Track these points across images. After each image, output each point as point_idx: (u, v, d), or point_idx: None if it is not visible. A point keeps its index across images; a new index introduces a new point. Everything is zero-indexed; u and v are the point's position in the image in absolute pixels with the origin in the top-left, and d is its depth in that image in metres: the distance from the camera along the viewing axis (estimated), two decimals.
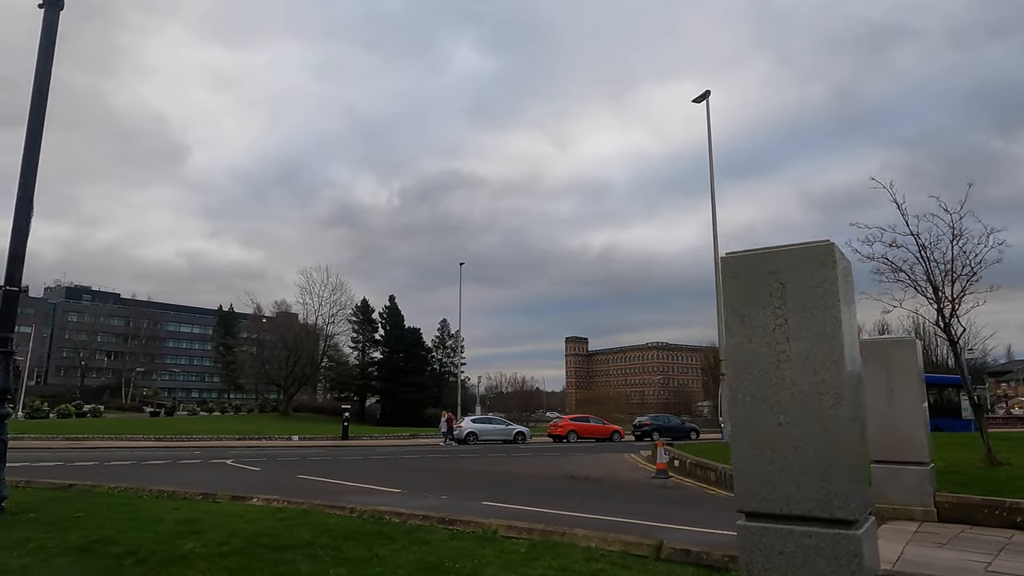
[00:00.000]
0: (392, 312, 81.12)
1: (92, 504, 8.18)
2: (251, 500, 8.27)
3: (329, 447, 31.14)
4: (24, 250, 8.15)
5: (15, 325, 8.07)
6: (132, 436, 34.43)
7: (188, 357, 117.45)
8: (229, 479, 14.22)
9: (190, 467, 17.77)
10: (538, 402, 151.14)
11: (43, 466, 17.38)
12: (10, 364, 7.90)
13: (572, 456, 22.47)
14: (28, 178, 8.26)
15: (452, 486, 13.38)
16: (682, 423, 39.67)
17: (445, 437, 33.69)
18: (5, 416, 7.84)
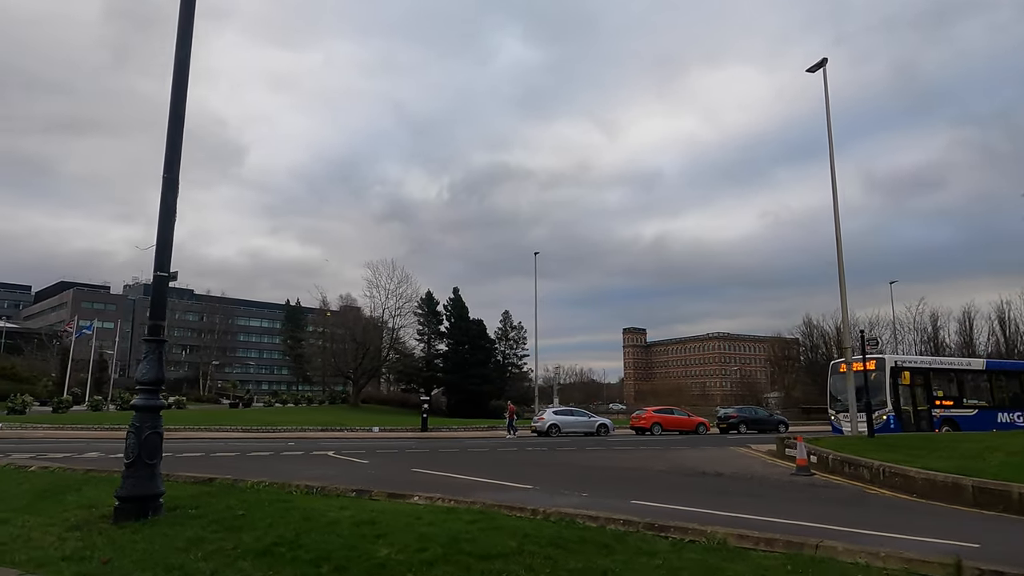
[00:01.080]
0: (456, 304, 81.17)
1: (246, 501, 7.76)
2: (412, 498, 7.69)
3: (414, 439, 30.95)
4: (172, 234, 7.76)
5: (166, 312, 7.70)
6: (221, 427, 35.15)
7: (258, 350, 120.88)
8: (348, 472, 13.85)
9: (297, 459, 17.61)
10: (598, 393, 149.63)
11: None
12: (163, 354, 7.53)
13: (676, 450, 21.43)
14: (173, 157, 7.87)
15: (579, 481, 12.63)
16: (770, 415, 37.91)
17: (509, 429, 33.05)
18: (160, 408, 7.47)
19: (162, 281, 7.60)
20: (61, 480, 9.76)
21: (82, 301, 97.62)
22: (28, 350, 69.12)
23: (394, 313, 73.88)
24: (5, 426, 32.17)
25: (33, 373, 60.65)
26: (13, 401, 39.34)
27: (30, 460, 14.68)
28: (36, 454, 18.24)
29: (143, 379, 7.36)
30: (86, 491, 8.69)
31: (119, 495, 7.04)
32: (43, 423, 34.64)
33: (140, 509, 7.03)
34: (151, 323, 7.55)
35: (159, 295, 7.59)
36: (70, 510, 7.58)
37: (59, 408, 42.46)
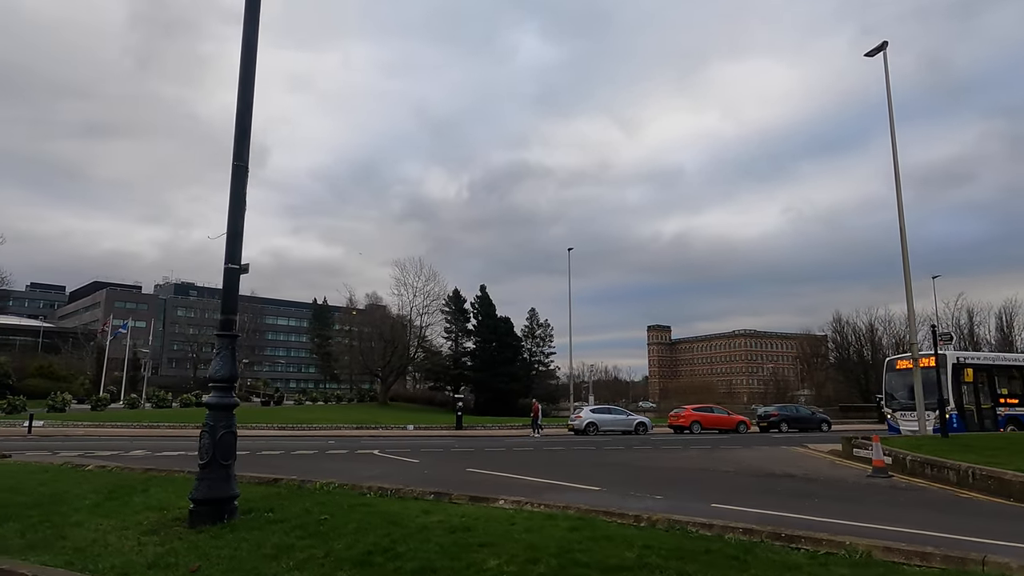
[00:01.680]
0: (483, 302, 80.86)
1: (323, 503, 7.40)
2: (497, 502, 7.26)
3: (452, 437, 30.63)
4: (242, 224, 7.42)
5: (237, 307, 7.35)
6: (257, 425, 35.21)
7: (285, 349, 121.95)
8: (402, 472, 13.50)
9: (345, 458, 17.33)
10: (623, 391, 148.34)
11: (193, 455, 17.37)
12: (235, 349, 7.19)
13: (728, 449, 20.73)
14: (242, 145, 7.52)
15: (644, 482, 12.11)
16: (812, 414, 36.90)
17: (534, 428, 32.42)
18: (234, 406, 7.14)
19: (233, 274, 7.25)
20: (123, 480, 9.50)
21: (115, 301, 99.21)
22: (64, 349, 70.26)
23: (421, 311, 73.84)
24: (46, 424, 32.49)
25: (70, 372, 61.62)
26: (53, 399, 39.83)
27: (81, 458, 14.58)
28: (84, 452, 18.21)
29: (216, 376, 7.02)
30: (152, 492, 8.41)
31: (194, 497, 6.72)
32: (83, 421, 34.99)
33: (216, 512, 6.70)
34: (223, 318, 7.21)
35: (230, 289, 7.24)
36: (141, 512, 7.28)
37: (97, 406, 42.95)
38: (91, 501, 7.88)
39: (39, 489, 8.84)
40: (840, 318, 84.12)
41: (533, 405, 34.05)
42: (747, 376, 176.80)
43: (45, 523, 6.90)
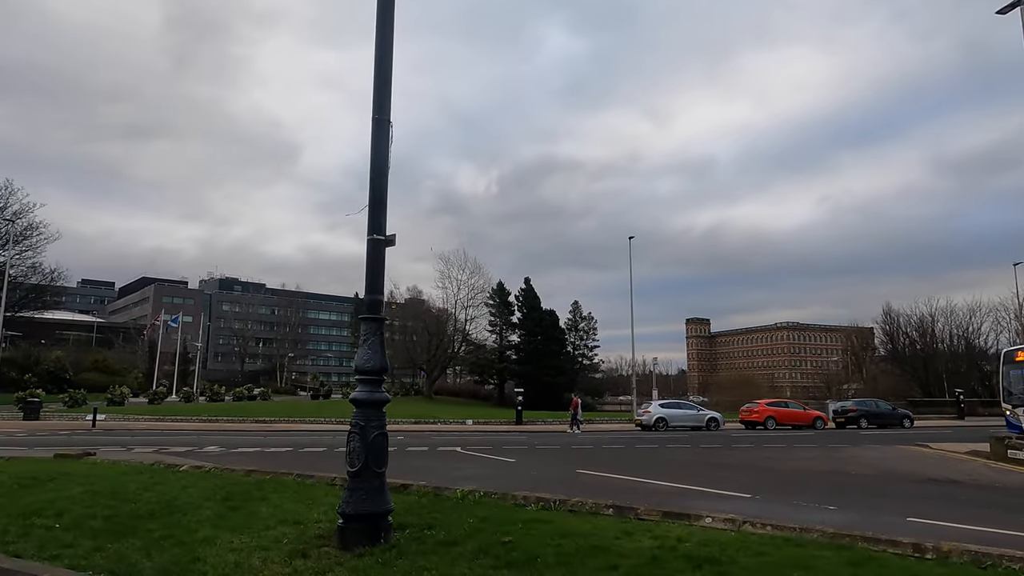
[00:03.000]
0: (528, 294, 79.65)
1: (487, 518, 6.24)
2: (701, 519, 5.98)
3: (517, 431, 29.57)
4: (385, 186, 6.28)
5: (383, 284, 6.20)
6: (315, 419, 34.62)
7: (327, 343, 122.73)
8: (505, 473, 12.38)
9: (429, 455, 16.28)
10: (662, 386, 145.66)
11: (272, 452, 16.51)
12: (383, 335, 6.06)
13: (837, 448, 19.04)
14: (382, 96, 6.39)
15: (786, 487, 10.73)
16: (893, 409, 34.78)
17: (573, 424, 30.85)
18: (384, 402, 6.02)
19: (378, 246, 6.12)
20: (231, 485, 8.50)
21: (163, 296, 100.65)
22: (117, 344, 71.31)
23: (466, 304, 73.00)
24: (107, 417, 32.32)
25: (123, 366, 62.35)
26: (112, 393, 39.93)
27: (171, 457, 13.81)
28: (158, 448, 17.53)
29: (365, 367, 5.90)
30: (274, 500, 7.37)
31: (345, 512, 5.61)
32: (142, 415, 34.83)
33: (371, 530, 5.59)
34: (370, 298, 6.08)
35: (376, 264, 6.10)
36: (274, 527, 6.22)
37: (154, 400, 43.02)
38: (211, 511, 6.85)
39: (144, 495, 7.89)
40: (891, 309, 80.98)
41: (572, 400, 32.52)
42: (789, 369, 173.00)
43: (169, 539, 5.88)
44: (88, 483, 8.88)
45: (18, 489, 8.49)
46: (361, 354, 5.96)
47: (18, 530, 6.37)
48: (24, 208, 47.11)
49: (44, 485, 8.83)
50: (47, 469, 10.16)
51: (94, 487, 8.51)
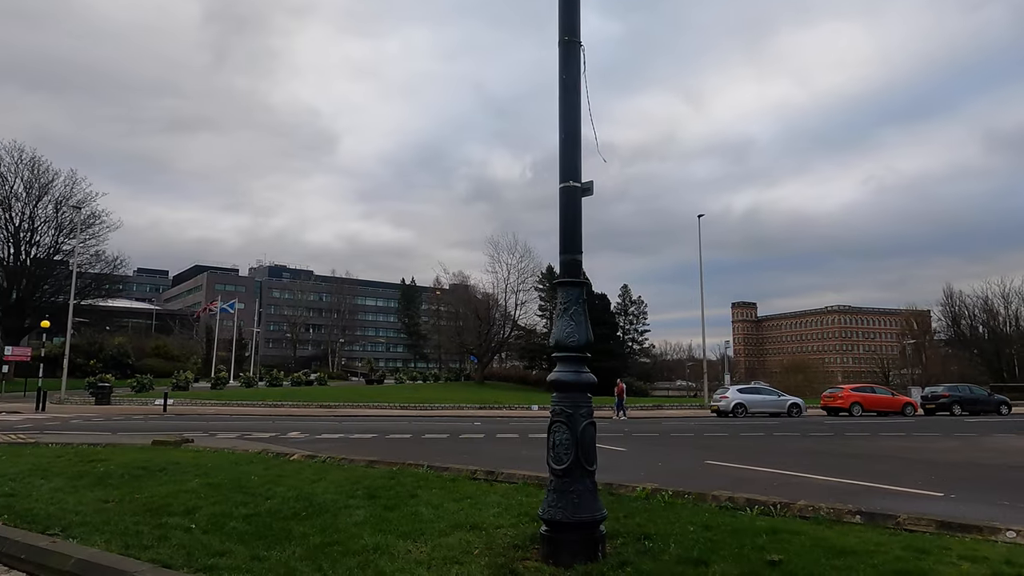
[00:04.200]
0: None
1: (712, 527, 5.13)
2: (999, 533, 4.74)
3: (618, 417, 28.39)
4: (578, 125, 5.16)
5: (581, 241, 5.07)
6: (378, 404, 34.21)
7: (374, 328, 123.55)
8: (628, 463, 11.31)
9: (528, 444, 15.29)
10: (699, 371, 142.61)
11: (358, 439, 15.75)
12: (585, 302, 4.96)
13: (978, 437, 17.44)
14: (571, 14, 5.25)
15: (969, 483, 9.35)
16: (988, 395, 32.53)
17: (617, 411, 29.69)
18: (590, 384, 4.89)
19: (573, 195, 5.02)
20: (363, 477, 7.60)
21: (215, 283, 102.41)
22: (175, 330, 72.64)
23: (516, 288, 71.95)
24: (176, 402, 32.37)
25: (182, 351, 63.39)
26: (177, 378, 40.27)
27: (249, 441, 13.14)
28: (241, 433, 17.00)
29: (567, 342, 4.81)
30: (427, 498, 6.42)
31: (554, 519, 4.56)
32: (208, 399, 34.90)
33: (588, 542, 4.54)
34: (568, 259, 4.98)
35: (571, 218, 5.01)
36: (448, 532, 5.24)
37: (216, 385, 43.30)
38: (364, 511, 5.91)
39: (273, 489, 7.03)
40: (952, 291, 77.56)
41: (617, 385, 31.15)
42: (841, 354, 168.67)
43: (333, 546, 4.93)
44: (203, 474, 8.10)
45: (131, 480, 7.74)
46: (562, 326, 4.86)
47: (152, 531, 5.54)
48: (86, 197, 47.81)
49: (156, 476, 8.09)
50: (151, 457, 9.46)
51: (212, 479, 7.70)
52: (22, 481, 7.69)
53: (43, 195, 47.48)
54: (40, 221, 47.86)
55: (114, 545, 5.20)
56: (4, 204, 46.25)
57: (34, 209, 47.39)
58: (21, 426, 19.54)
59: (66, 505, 6.58)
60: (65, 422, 21.82)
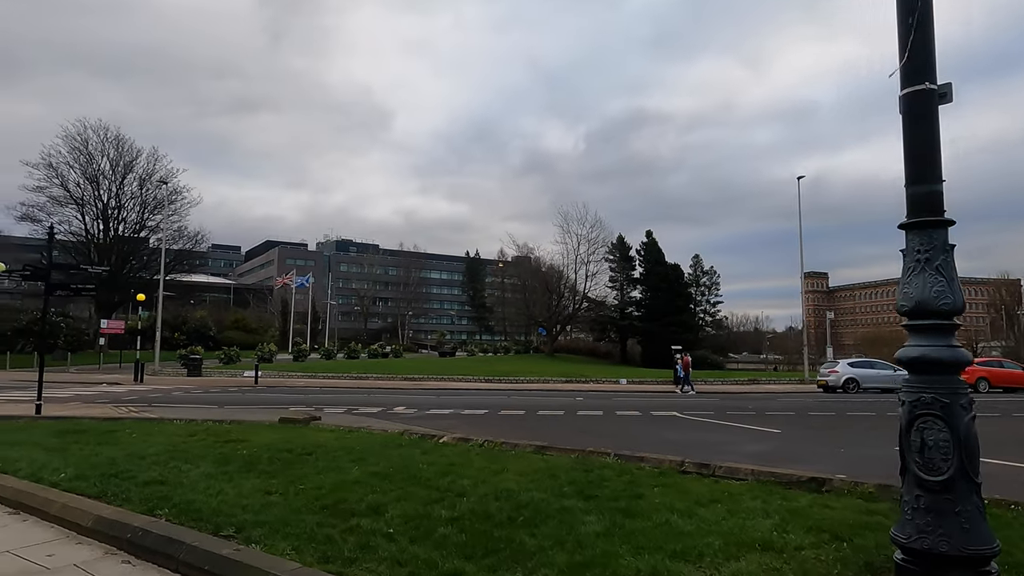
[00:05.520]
0: (650, 248, 75.82)
1: None
2: None
3: (693, 393, 26.94)
4: (931, 6, 3.69)
5: (941, 164, 3.67)
6: (462, 377, 33.56)
7: (439, 301, 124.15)
8: (808, 454, 9.83)
9: (641, 421, 14.01)
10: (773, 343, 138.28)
11: (471, 415, 14.79)
12: (952, 251, 3.56)
13: None
14: None
15: None
16: None
17: (682, 384, 27.87)
18: (965, 363, 3.50)
19: (927, 102, 3.60)
20: (552, 469, 6.47)
21: (286, 258, 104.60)
22: (252, 303, 74.37)
23: (586, 260, 70.19)
24: (263, 374, 32.52)
25: (260, 324, 64.76)
26: (261, 350, 40.74)
27: (361, 417, 12.35)
28: (347, 408, 16.36)
29: (937, 304, 3.44)
30: (660, 500, 5.20)
31: (926, 548, 3.26)
32: (293, 371, 35.05)
33: None
34: (921, 190, 3.59)
35: (925, 132, 3.60)
36: (739, 553, 4.00)
37: (298, 357, 43.71)
38: (596, 519, 4.76)
39: (458, 483, 6.00)
40: None
41: (683, 359, 29.08)
42: None
43: (594, 570, 3.78)
44: (357, 459, 7.16)
45: (283, 467, 6.86)
46: (924, 284, 3.49)
47: (343, 535, 4.55)
48: (168, 174, 48.66)
49: (306, 461, 7.20)
50: (289, 438, 8.64)
51: (373, 467, 6.74)
52: (167, 466, 6.92)
53: (128, 172, 48.69)
54: (126, 198, 49.14)
55: (308, 555, 4.23)
56: (93, 182, 47.60)
57: (120, 186, 48.67)
58: (127, 398, 19.57)
59: (227, 497, 5.71)
60: (167, 393, 21.87)
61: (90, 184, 47.50)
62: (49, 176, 46.01)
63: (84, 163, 47.15)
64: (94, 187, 47.66)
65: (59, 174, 46.43)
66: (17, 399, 18.31)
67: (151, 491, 5.91)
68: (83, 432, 9.28)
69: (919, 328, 3.51)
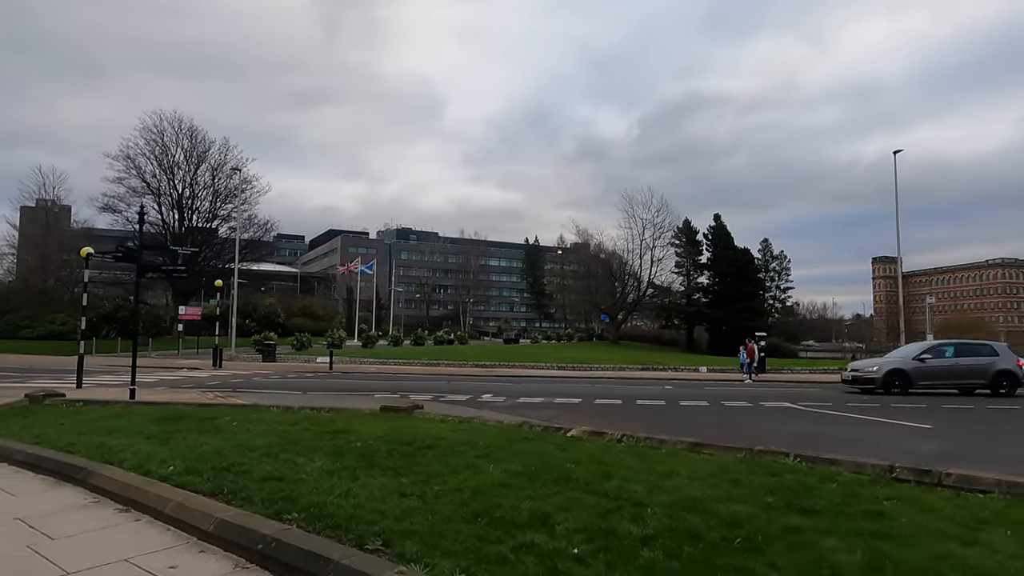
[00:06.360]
0: (718, 232, 73.19)
1: None
2: None
3: (774, 382, 25.37)
4: None
5: None
6: (534, 364, 32.80)
7: (498, 288, 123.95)
8: (985, 454, 8.47)
9: (754, 413, 12.76)
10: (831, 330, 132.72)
11: (565, 403, 13.83)
12: None
13: None
14: None
15: None
16: None
17: (748, 371, 26.22)
18: None
19: None
20: (729, 472, 5.44)
21: (348, 246, 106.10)
22: (317, 291, 75.61)
23: (651, 244, 68.15)
24: (335, 360, 32.48)
25: (326, 311, 65.65)
26: (331, 336, 40.96)
27: (448, 405, 11.57)
28: (435, 395, 15.69)
29: None
30: (905, 517, 4.10)
31: None
32: (364, 357, 34.94)
33: None
34: None
35: None
36: None
37: (367, 343, 43.83)
38: (844, 549, 3.69)
39: (627, 488, 5.07)
40: None
41: (748, 346, 27.07)
42: (1004, 312, 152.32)
43: None
44: (485, 455, 6.30)
45: (406, 462, 6.06)
46: None
47: (517, 555, 3.65)
48: (240, 162, 49.46)
49: (429, 456, 6.39)
50: (400, 429, 7.88)
51: (509, 464, 5.86)
52: (279, 459, 6.22)
53: (201, 163, 49.70)
54: (200, 187, 50.22)
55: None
56: (168, 172, 48.80)
57: (193, 176, 49.74)
58: (210, 383, 19.51)
59: (357, 498, 4.91)
60: (247, 379, 21.81)
61: (165, 174, 48.75)
62: (128, 167, 47.42)
63: (160, 154, 48.40)
64: (169, 177, 48.90)
65: (136, 165, 47.81)
66: (107, 383, 18.43)
67: (271, 489, 5.18)
68: (181, 419, 8.78)
69: None
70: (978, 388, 18.82)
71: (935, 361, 19.18)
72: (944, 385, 18.98)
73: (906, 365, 19.02)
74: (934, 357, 19.39)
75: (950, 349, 20.12)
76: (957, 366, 19.09)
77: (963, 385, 18.98)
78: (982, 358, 19.25)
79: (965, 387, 18.95)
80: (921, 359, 19.20)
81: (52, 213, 55.56)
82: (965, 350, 20.18)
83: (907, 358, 19.69)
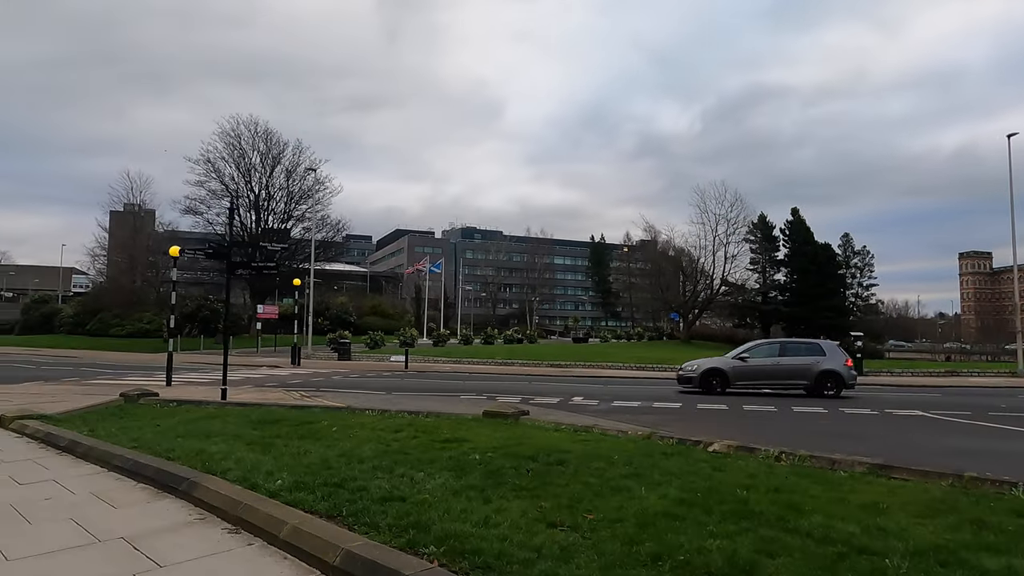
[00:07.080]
0: (796, 227, 69.81)
1: None
2: None
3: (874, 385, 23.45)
4: None
5: None
6: (610, 364, 31.69)
7: (563, 287, 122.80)
8: None
9: (880, 421, 11.38)
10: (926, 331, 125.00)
11: (663, 407, 12.78)
12: None
13: None
14: None
15: None
16: None
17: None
18: None
19: None
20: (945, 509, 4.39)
21: (415, 246, 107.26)
22: (386, 290, 76.51)
23: (724, 241, 65.49)
24: (410, 358, 32.26)
25: (395, 310, 66.25)
26: (403, 335, 40.98)
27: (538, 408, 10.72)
28: (523, 397, 14.92)
29: None
30: None
31: None
32: (437, 356, 34.67)
33: None
34: None
35: None
36: None
37: (438, 342, 43.69)
38: None
39: (836, 527, 4.10)
40: None
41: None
42: None
43: None
44: (633, 475, 5.44)
45: (538, 482, 5.27)
46: None
47: None
48: (313, 163, 50.29)
49: (561, 473, 5.59)
50: (514, 439, 7.12)
51: (665, 488, 4.98)
52: (394, 473, 5.55)
53: (276, 165, 50.79)
54: (275, 189, 51.34)
55: None
56: (245, 175, 50.09)
57: (269, 178, 50.87)
58: (292, 381, 19.42)
59: (499, 528, 4.15)
60: (327, 378, 21.69)
61: (243, 177, 50.04)
62: (208, 171, 48.88)
63: (237, 157, 49.70)
64: (247, 180, 50.17)
65: (216, 169, 49.23)
66: (195, 381, 18.57)
67: (395, 513, 4.47)
68: (278, 423, 8.30)
69: None
70: (801, 388, 17.64)
71: (756, 360, 18.19)
72: (764, 385, 17.93)
73: (725, 364, 18.36)
74: (755, 356, 18.42)
75: (775, 348, 19.35)
76: (778, 366, 18.04)
77: (784, 385, 17.90)
78: (807, 357, 18.13)
79: (787, 387, 17.86)
80: (742, 358, 18.32)
81: (139, 216, 57.98)
82: (791, 349, 19.25)
83: (728, 358, 18.98)
